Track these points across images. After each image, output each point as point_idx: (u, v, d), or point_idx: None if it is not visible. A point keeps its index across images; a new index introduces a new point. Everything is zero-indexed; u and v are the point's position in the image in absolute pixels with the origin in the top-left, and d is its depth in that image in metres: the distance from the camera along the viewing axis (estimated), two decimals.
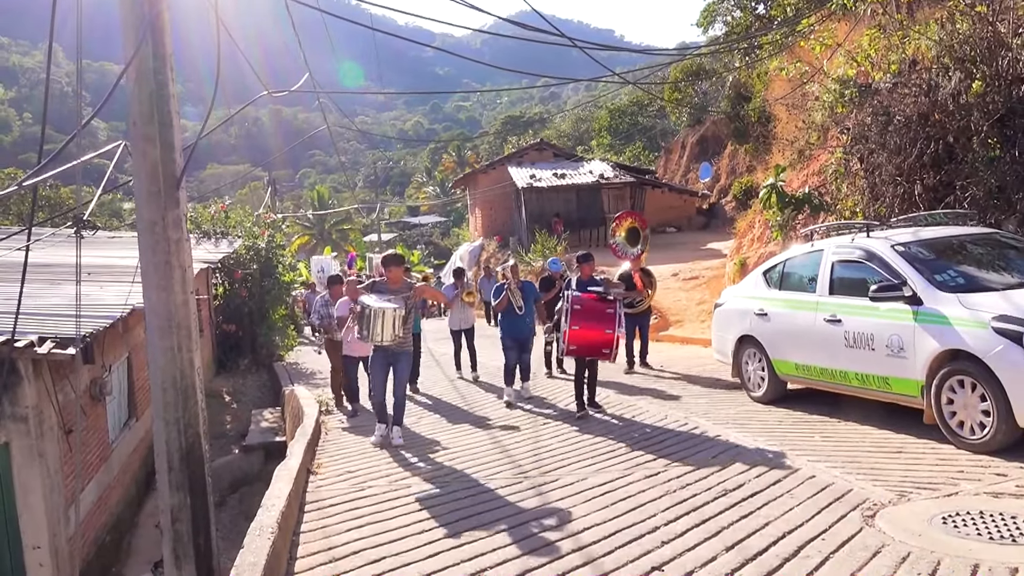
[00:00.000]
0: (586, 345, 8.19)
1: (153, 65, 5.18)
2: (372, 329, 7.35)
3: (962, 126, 9.38)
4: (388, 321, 7.36)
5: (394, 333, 7.44)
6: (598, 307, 8.24)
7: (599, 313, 8.19)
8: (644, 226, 12.78)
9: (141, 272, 5.33)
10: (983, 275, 6.76)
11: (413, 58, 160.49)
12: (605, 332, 8.10)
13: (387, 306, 7.41)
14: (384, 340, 7.41)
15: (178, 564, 5.38)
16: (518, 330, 9.85)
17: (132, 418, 10.42)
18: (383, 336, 7.38)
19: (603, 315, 8.17)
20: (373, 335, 7.38)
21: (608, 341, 8.12)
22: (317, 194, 59.31)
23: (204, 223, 19.48)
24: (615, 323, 8.15)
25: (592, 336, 8.13)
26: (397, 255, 8.28)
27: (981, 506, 4.75)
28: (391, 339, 7.45)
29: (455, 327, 11.93)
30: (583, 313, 8.15)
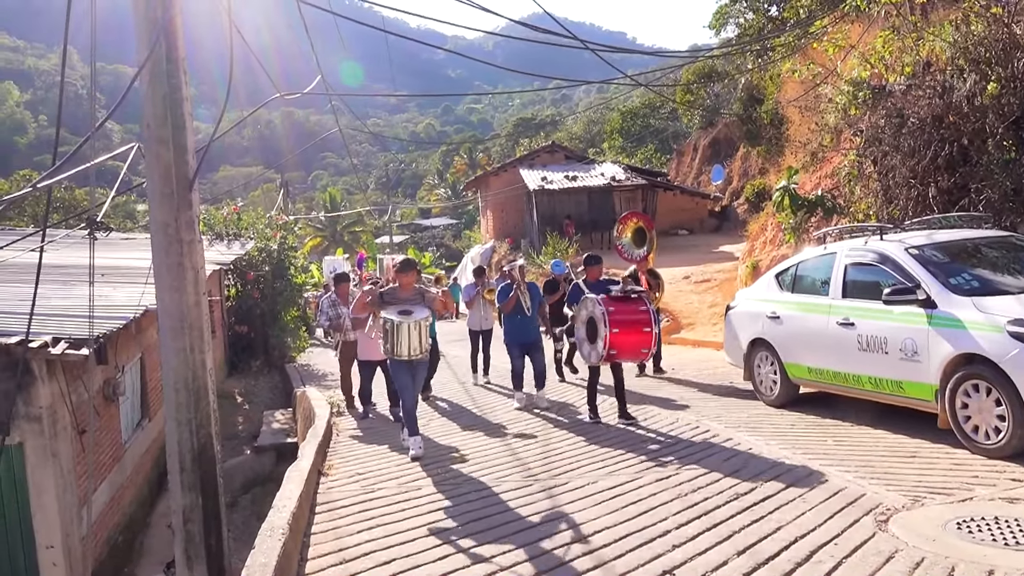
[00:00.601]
0: (627, 348, 7.84)
1: (166, 68, 5.21)
2: (398, 344, 7.15)
3: (977, 128, 9.32)
4: (415, 334, 7.17)
5: (421, 345, 7.25)
6: (630, 307, 7.93)
7: (633, 312, 7.88)
8: (651, 227, 12.39)
9: (154, 273, 5.35)
10: (998, 278, 6.70)
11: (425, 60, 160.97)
12: (643, 331, 7.80)
13: (411, 319, 7.20)
14: (412, 354, 7.21)
15: (190, 564, 5.39)
16: (524, 334, 9.59)
17: (145, 419, 10.47)
18: (410, 350, 7.18)
19: (637, 314, 7.87)
20: (399, 350, 7.16)
21: (648, 341, 7.84)
22: (329, 196, 59.52)
23: (217, 225, 19.59)
24: (652, 321, 7.86)
25: (633, 338, 7.79)
26: (410, 261, 8.03)
27: (996, 511, 4.71)
28: (419, 352, 7.26)
29: (475, 327, 11.62)
30: (619, 315, 7.79)
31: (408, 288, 7.62)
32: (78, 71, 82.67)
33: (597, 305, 7.83)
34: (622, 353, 7.88)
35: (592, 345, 7.95)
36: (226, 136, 10.18)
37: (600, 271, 8.88)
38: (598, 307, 7.81)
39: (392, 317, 7.18)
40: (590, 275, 8.70)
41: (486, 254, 30.95)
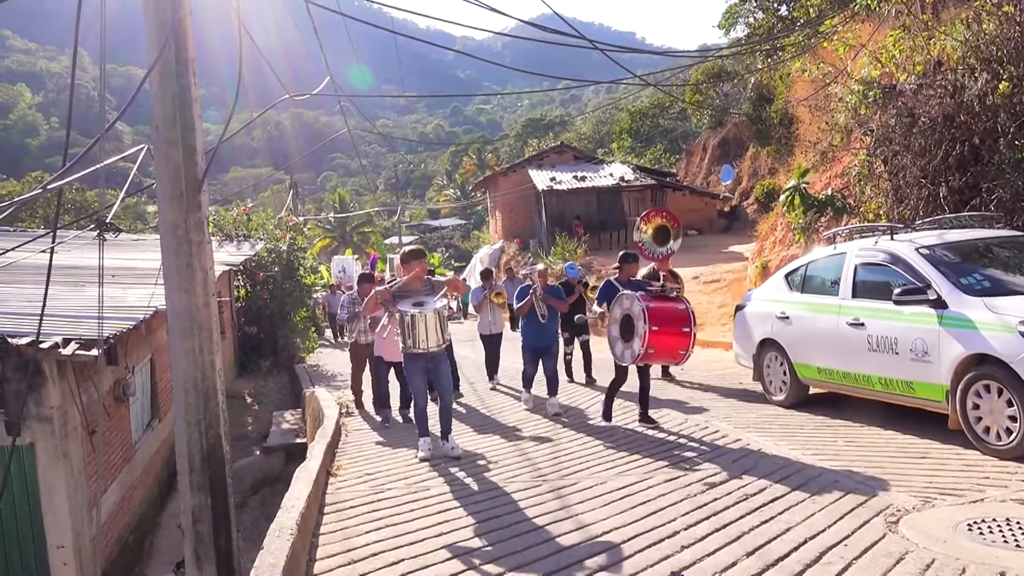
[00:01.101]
0: (664, 348, 7.45)
1: (176, 69, 5.23)
2: (417, 337, 6.91)
3: (988, 127, 9.27)
4: (432, 324, 6.93)
5: (440, 336, 7.00)
6: (669, 305, 7.55)
7: (673, 311, 7.48)
8: (677, 224, 11.49)
9: (163, 274, 5.37)
10: (1010, 278, 6.66)
11: (434, 61, 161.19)
12: (683, 331, 7.41)
13: (426, 309, 6.96)
14: (431, 346, 6.96)
15: (199, 565, 5.41)
16: (540, 338, 9.32)
17: (155, 419, 10.52)
18: (430, 342, 6.94)
19: (677, 313, 7.48)
20: (419, 343, 6.92)
21: (686, 342, 7.44)
22: (338, 197, 59.67)
23: (226, 226, 19.67)
24: (691, 320, 7.47)
25: (671, 338, 7.41)
26: (417, 250, 7.73)
27: (1008, 513, 4.68)
28: (437, 344, 7.01)
29: (485, 331, 11.33)
30: (658, 312, 7.37)
31: (418, 280, 7.37)
32: (89, 73, 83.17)
33: (636, 301, 7.43)
34: (658, 354, 7.53)
35: (626, 344, 7.57)
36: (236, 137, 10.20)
37: (636, 270, 8.44)
38: (637, 303, 7.40)
39: (407, 310, 6.96)
40: (625, 273, 8.25)
41: (494, 255, 30.96)
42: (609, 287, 8.11)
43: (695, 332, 7.48)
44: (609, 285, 8.13)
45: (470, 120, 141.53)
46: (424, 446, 7.25)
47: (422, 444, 7.27)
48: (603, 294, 8.13)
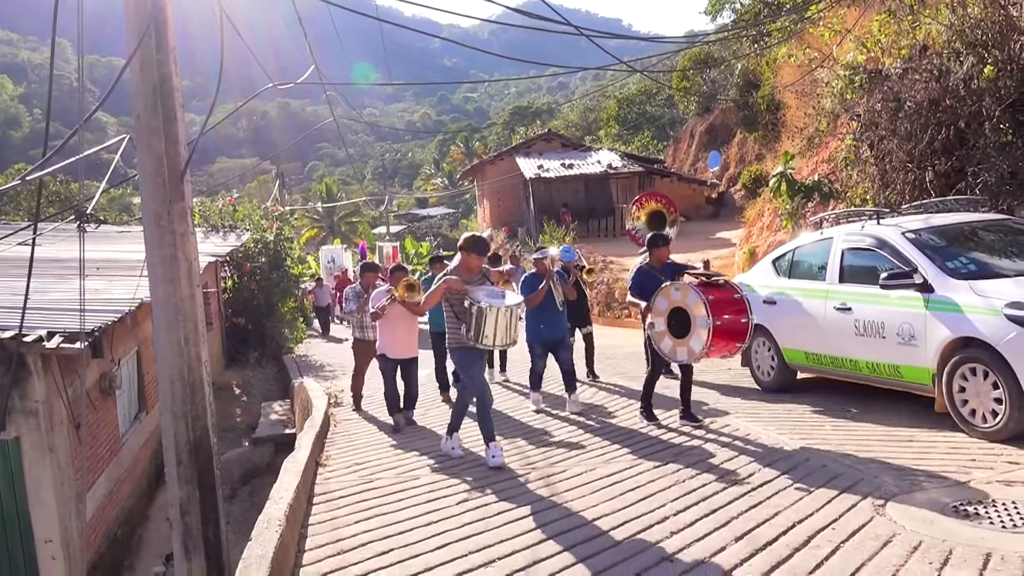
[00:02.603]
0: (725, 344, 6.80)
1: (157, 58, 5.17)
2: (483, 330, 6.15)
3: (974, 111, 9.29)
4: (503, 320, 6.19)
5: (510, 334, 6.30)
6: (724, 293, 6.86)
7: (729, 300, 6.80)
8: (674, 209, 10.53)
9: (147, 266, 5.33)
10: (995, 262, 6.70)
11: (421, 50, 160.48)
12: (741, 322, 6.77)
13: (506, 303, 6.23)
14: (497, 343, 6.29)
15: (188, 557, 5.40)
16: (552, 331, 8.44)
17: (142, 412, 10.46)
18: (496, 339, 6.23)
19: (733, 303, 6.81)
20: (483, 337, 6.17)
21: (743, 333, 6.81)
22: (325, 187, 59.43)
23: (212, 217, 19.54)
24: (748, 309, 6.83)
25: (732, 332, 6.75)
26: (479, 239, 6.69)
27: (993, 494, 4.71)
28: (508, 341, 6.35)
29: None
30: (719, 304, 6.64)
31: (475, 271, 6.60)
32: (71, 64, 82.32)
33: (692, 292, 6.66)
34: (719, 349, 6.84)
35: (679, 340, 6.79)
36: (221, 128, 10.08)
37: (667, 253, 7.49)
38: (693, 294, 6.64)
39: (481, 300, 6.17)
40: (656, 258, 7.38)
41: None
42: (644, 275, 7.36)
43: (752, 321, 6.86)
44: (643, 273, 7.38)
45: (457, 108, 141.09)
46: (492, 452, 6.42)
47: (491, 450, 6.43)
48: (637, 284, 7.39)
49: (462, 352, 6.44)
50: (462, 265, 6.52)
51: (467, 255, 6.49)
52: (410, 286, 8.00)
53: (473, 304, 6.14)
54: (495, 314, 6.12)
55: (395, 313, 8.27)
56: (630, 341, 14.13)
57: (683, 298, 6.75)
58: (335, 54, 24.18)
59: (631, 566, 4.15)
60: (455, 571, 4.27)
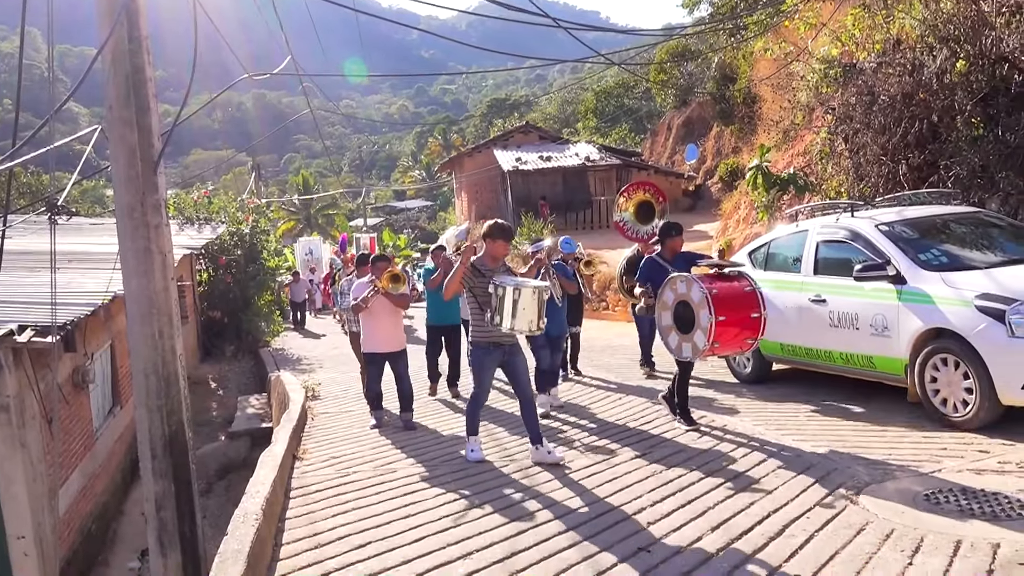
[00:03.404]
0: (731, 339, 6.38)
1: (129, 47, 5.11)
2: (506, 315, 5.78)
3: (946, 105, 9.39)
4: (532, 304, 5.79)
5: (538, 321, 5.89)
6: (734, 286, 6.44)
7: (738, 294, 6.38)
8: (663, 199, 9.86)
9: (120, 258, 5.27)
10: (966, 254, 6.79)
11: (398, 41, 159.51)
12: (751, 317, 6.34)
13: (532, 284, 5.89)
14: (521, 327, 5.86)
15: (163, 552, 5.37)
16: (554, 324, 7.81)
17: (117, 406, 10.35)
18: (521, 325, 5.83)
19: (743, 296, 6.37)
20: (507, 322, 5.80)
21: (755, 329, 6.37)
22: (302, 179, 59.03)
23: (187, 209, 19.34)
24: (760, 304, 6.39)
25: (739, 327, 6.34)
26: (508, 227, 6.34)
27: (964, 483, 4.79)
28: (530, 329, 5.91)
29: None
30: (724, 297, 6.24)
31: (499, 260, 6.28)
32: (42, 53, 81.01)
33: (696, 286, 6.28)
34: (724, 345, 6.44)
35: (684, 336, 6.43)
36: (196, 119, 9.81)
37: (681, 243, 7.10)
38: (697, 287, 6.26)
39: (507, 282, 5.82)
40: (668, 248, 7.02)
41: (460, 236, 30.83)
42: (653, 266, 6.97)
43: (765, 316, 6.41)
44: (653, 264, 7.00)
45: (435, 100, 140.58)
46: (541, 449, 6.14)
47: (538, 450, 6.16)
48: (646, 274, 6.99)
49: (480, 352, 6.15)
50: (487, 254, 6.21)
51: (492, 242, 6.17)
52: (394, 277, 7.71)
53: (498, 287, 5.82)
54: (521, 296, 5.76)
55: (379, 305, 7.84)
56: (606, 333, 14.20)
57: (688, 291, 6.39)
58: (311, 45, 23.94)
59: (608, 557, 4.17)
60: (433, 563, 4.27)
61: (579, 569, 4.06)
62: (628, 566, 4.04)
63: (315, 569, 4.34)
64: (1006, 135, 8.83)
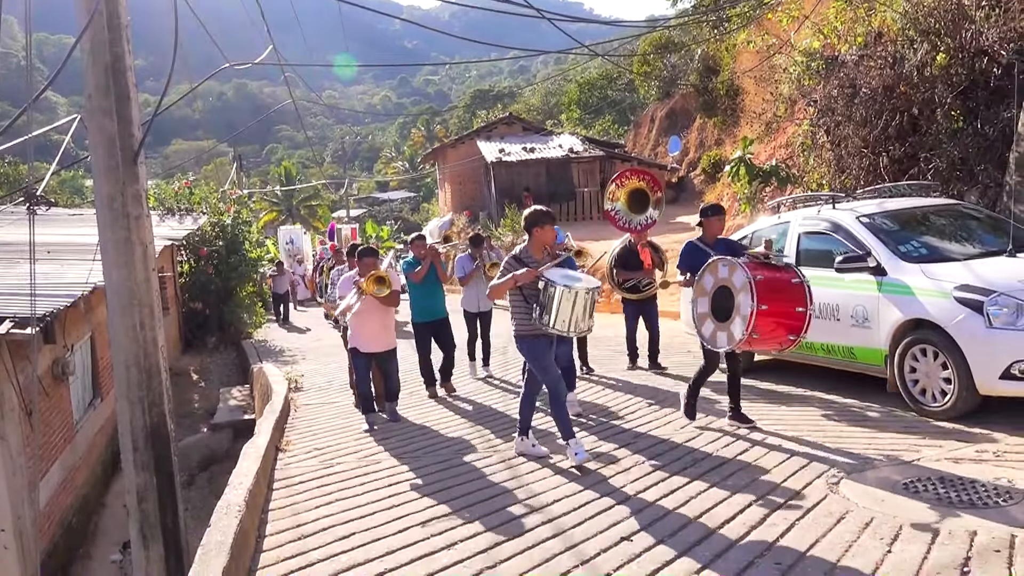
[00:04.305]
0: (771, 332, 5.85)
1: (108, 36, 5.06)
2: (555, 314, 5.41)
3: (926, 98, 9.48)
4: (581, 304, 5.46)
5: (586, 320, 5.59)
6: (780, 275, 5.93)
7: (785, 284, 5.86)
8: (659, 187, 9.16)
9: (100, 249, 5.24)
10: (946, 245, 6.87)
11: (381, 31, 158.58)
12: (796, 311, 5.82)
13: (582, 284, 5.51)
14: (570, 330, 5.55)
15: (145, 544, 5.35)
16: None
17: (97, 398, 10.28)
18: (571, 326, 5.50)
19: (790, 287, 5.85)
20: (556, 322, 5.43)
21: (799, 324, 5.84)
22: (284, 170, 58.62)
23: (168, 200, 19.18)
24: (807, 298, 5.84)
25: (782, 320, 5.84)
26: (545, 210, 5.88)
27: (942, 471, 4.85)
28: (579, 329, 5.62)
29: (472, 308, 9.54)
30: (768, 285, 5.70)
31: (548, 247, 5.89)
32: (20, 42, 79.89)
33: (740, 270, 5.80)
34: (764, 339, 5.91)
35: (720, 324, 5.98)
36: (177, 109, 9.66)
37: (722, 226, 6.67)
38: (741, 272, 5.78)
39: (557, 280, 5.46)
40: (709, 231, 6.56)
41: (443, 227, 30.78)
42: (694, 251, 6.50)
43: (811, 313, 5.86)
44: (693, 248, 6.52)
45: (418, 91, 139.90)
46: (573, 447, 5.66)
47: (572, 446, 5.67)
48: (686, 260, 6.53)
49: (531, 341, 5.73)
50: (535, 243, 5.79)
51: (541, 229, 5.74)
52: (379, 279, 7.24)
53: (549, 284, 5.45)
54: (572, 297, 5.41)
55: (366, 305, 7.34)
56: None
57: (729, 275, 5.90)
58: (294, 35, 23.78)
59: (590, 547, 4.19)
60: (417, 553, 4.28)
61: (562, 559, 4.08)
62: (610, 555, 4.06)
63: (299, 560, 4.33)
64: (985, 128, 8.93)
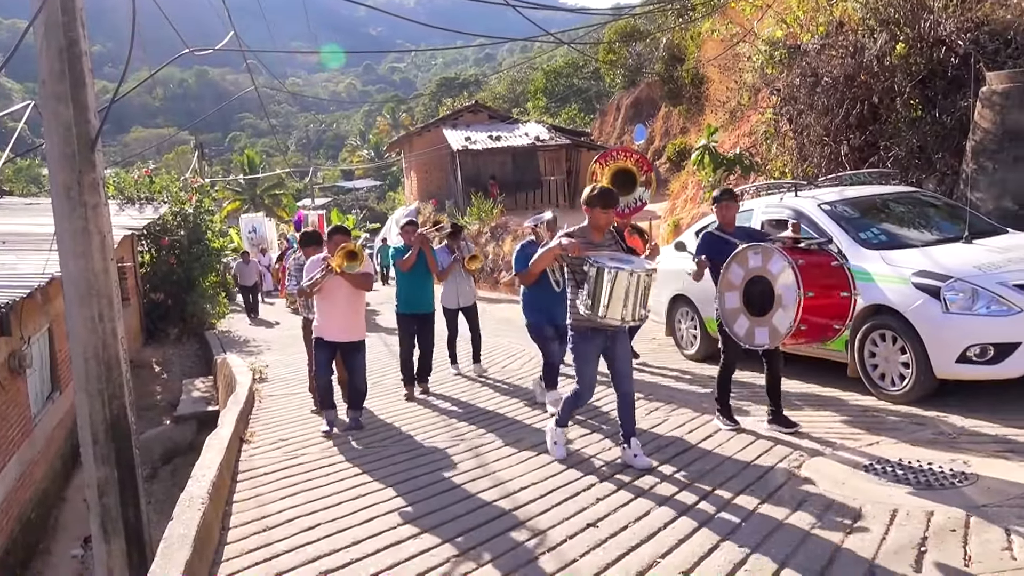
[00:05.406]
0: (818, 324, 5.33)
1: (63, 20, 4.94)
2: (601, 300, 4.83)
3: (886, 87, 9.61)
4: (634, 290, 4.82)
5: (641, 307, 4.94)
6: (820, 260, 5.44)
7: (826, 269, 5.37)
8: (647, 168, 8.43)
9: (57, 239, 5.13)
10: (904, 232, 7.00)
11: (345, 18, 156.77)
12: (840, 296, 5.34)
13: (636, 267, 4.87)
14: (620, 317, 4.87)
15: (107, 539, 5.27)
16: (555, 313, 6.79)
17: (56, 391, 10.08)
18: (623, 313, 4.85)
19: (830, 271, 5.38)
20: (613, 311, 4.83)
21: (844, 311, 5.34)
22: (247, 158, 57.82)
23: (128, 188, 18.81)
24: (850, 282, 5.39)
25: (827, 308, 5.31)
26: (605, 190, 5.29)
27: (900, 454, 4.95)
28: (638, 317, 4.96)
29: (451, 304, 9.05)
30: (811, 272, 5.21)
31: (605, 228, 5.28)
32: None
33: (777, 255, 5.27)
34: (811, 330, 5.33)
35: (757, 319, 5.42)
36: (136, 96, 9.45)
37: (737, 210, 6.16)
38: (779, 257, 5.25)
39: (606, 263, 4.86)
40: (726, 216, 6.01)
41: (410, 216, 30.62)
42: (714, 241, 5.96)
43: (856, 298, 5.41)
44: (714, 239, 5.98)
45: (383, 79, 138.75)
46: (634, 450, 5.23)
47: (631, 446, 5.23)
48: (706, 248, 6.00)
49: (581, 340, 5.20)
50: (590, 225, 5.21)
51: (593, 212, 5.15)
52: (350, 254, 6.54)
53: (594, 265, 4.88)
54: (620, 279, 4.79)
55: (336, 287, 6.65)
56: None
57: (764, 263, 5.37)
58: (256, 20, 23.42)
59: (556, 534, 4.21)
60: (383, 543, 4.27)
61: (528, 546, 4.09)
62: (576, 542, 4.09)
63: (263, 552, 4.30)
64: (943, 117, 9.08)
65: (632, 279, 4.81)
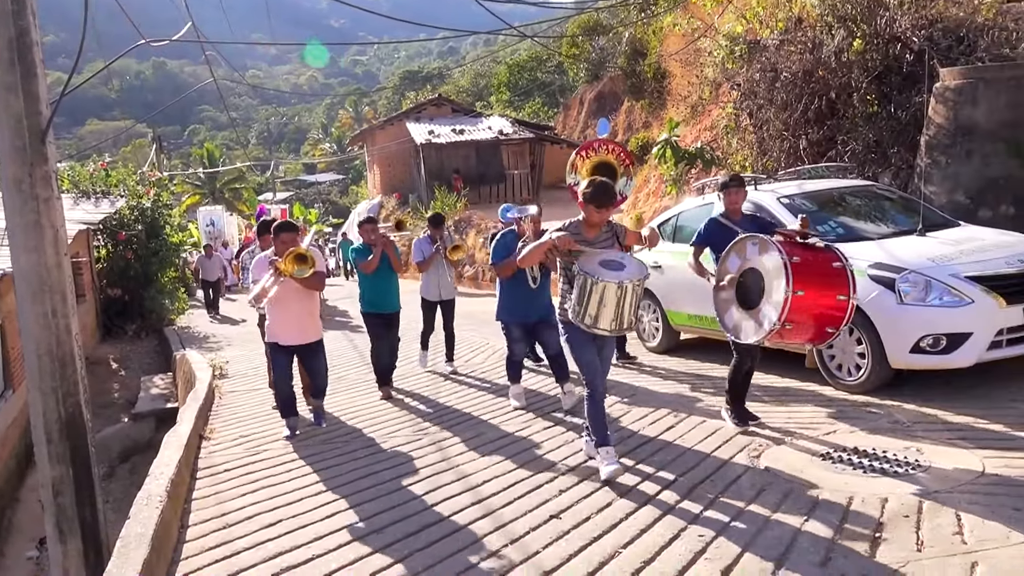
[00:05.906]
0: (808, 324, 5.13)
1: (12, 8, 4.83)
2: (599, 311, 4.63)
3: (843, 83, 9.77)
4: (628, 299, 4.63)
5: (630, 316, 4.71)
6: (819, 257, 5.21)
7: (825, 267, 5.13)
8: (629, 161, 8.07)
9: (8, 234, 5.02)
10: (861, 225, 7.12)
11: (307, 10, 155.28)
12: (837, 299, 5.09)
13: (625, 277, 4.62)
14: (603, 326, 4.68)
15: (63, 539, 5.18)
16: (529, 308, 6.77)
17: (8, 390, 9.85)
18: (612, 325, 4.67)
19: (830, 270, 5.12)
20: (600, 320, 4.65)
21: (840, 315, 5.11)
22: (207, 151, 56.98)
23: (83, 182, 18.41)
24: (850, 284, 5.10)
25: (820, 307, 5.09)
26: (603, 186, 4.92)
27: (856, 443, 5.04)
28: (626, 326, 4.77)
29: (431, 296, 8.79)
30: (805, 267, 5.02)
31: (600, 225, 4.98)
32: None
33: (772, 248, 5.10)
34: (798, 330, 5.13)
35: (746, 313, 5.32)
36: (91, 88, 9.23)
37: (744, 198, 5.89)
38: (774, 251, 5.07)
39: (593, 272, 4.66)
40: (733, 204, 5.79)
41: (373, 210, 30.42)
42: (717, 228, 5.78)
43: (854, 301, 5.14)
44: (717, 225, 5.79)
45: (346, 72, 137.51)
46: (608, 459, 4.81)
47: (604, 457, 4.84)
48: (707, 238, 5.85)
49: (573, 330, 4.93)
50: (584, 221, 4.95)
51: (587, 209, 4.87)
52: (299, 257, 6.16)
53: (579, 273, 4.70)
54: (608, 292, 4.59)
55: (286, 287, 6.26)
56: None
57: (759, 255, 5.21)
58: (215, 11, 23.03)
59: (519, 525, 4.23)
60: (346, 539, 4.25)
61: (492, 538, 4.10)
62: (539, 533, 4.11)
63: (223, 549, 4.25)
64: (898, 112, 9.26)
65: (620, 291, 4.60)
